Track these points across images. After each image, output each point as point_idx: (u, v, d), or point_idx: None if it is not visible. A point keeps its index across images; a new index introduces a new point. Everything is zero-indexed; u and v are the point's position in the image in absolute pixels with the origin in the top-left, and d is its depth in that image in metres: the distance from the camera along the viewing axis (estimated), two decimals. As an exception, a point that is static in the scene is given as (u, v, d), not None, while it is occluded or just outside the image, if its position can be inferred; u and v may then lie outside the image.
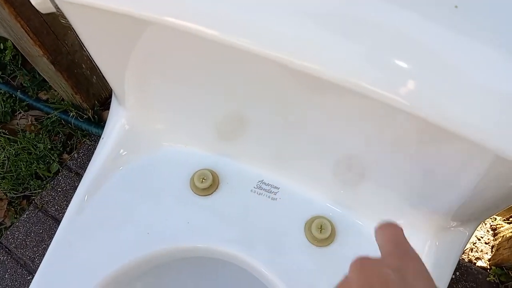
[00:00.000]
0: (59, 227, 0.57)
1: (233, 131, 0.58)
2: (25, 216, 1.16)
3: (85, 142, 1.26)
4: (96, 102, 1.26)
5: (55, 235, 0.57)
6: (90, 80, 1.19)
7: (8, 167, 1.23)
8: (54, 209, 1.17)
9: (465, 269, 1.02)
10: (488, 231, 1.07)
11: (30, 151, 1.25)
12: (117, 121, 0.61)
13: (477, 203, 0.45)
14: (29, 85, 1.35)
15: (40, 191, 1.20)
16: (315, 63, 0.32)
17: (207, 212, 0.59)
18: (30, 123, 1.32)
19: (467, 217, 0.49)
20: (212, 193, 0.61)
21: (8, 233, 1.15)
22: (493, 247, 1.05)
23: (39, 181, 1.22)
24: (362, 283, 0.27)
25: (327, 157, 0.52)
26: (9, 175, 1.22)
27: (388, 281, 0.26)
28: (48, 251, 0.56)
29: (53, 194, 1.19)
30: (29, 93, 1.35)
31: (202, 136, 0.61)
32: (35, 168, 1.22)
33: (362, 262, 0.28)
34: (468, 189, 0.42)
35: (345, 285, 0.28)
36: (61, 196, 1.18)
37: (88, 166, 0.61)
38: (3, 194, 1.22)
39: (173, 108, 0.58)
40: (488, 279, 1.00)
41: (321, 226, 0.57)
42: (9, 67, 1.40)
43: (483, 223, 1.08)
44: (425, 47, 0.32)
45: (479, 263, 1.03)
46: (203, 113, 0.55)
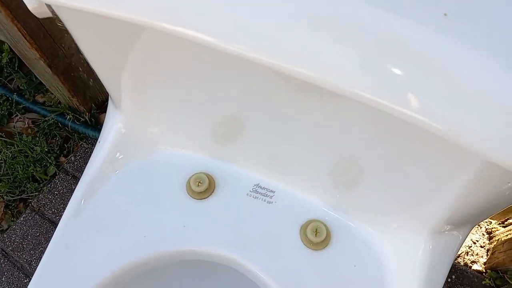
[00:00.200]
0: (56, 230, 0.58)
1: (229, 135, 0.58)
2: (22, 219, 1.16)
3: (82, 145, 1.26)
4: (93, 105, 1.26)
5: (52, 238, 0.57)
6: (87, 83, 1.19)
7: (5, 170, 1.23)
8: (51, 212, 1.17)
9: (460, 272, 1.02)
10: (483, 234, 1.08)
11: (27, 154, 1.25)
12: (114, 125, 0.62)
13: (470, 207, 0.46)
14: (25, 88, 1.36)
15: (37, 194, 1.20)
16: (309, 69, 0.33)
17: (203, 215, 0.60)
18: (27, 126, 1.32)
19: (460, 220, 0.49)
20: (208, 197, 0.61)
21: (4, 236, 1.14)
22: (488, 250, 1.05)
23: (36, 184, 1.22)
24: None
25: (322, 161, 0.53)
26: (6, 178, 1.22)
27: None
28: (45, 254, 0.56)
29: (50, 197, 1.19)
30: (26, 96, 1.35)
31: (198, 139, 0.62)
32: (32, 171, 1.22)
33: None
34: (460, 194, 0.43)
35: None
36: (58, 199, 1.18)
37: (85, 169, 0.62)
38: (0, 197, 1.22)
39: (169, 111, 0.58)
40: (483, 282, 1.00)
41: (316, 229, 0.57)
42: (5, 70, 1.40)
43: (479, 227, 1.09)
44: (419, 53, 0.33)
45: (475, 267, 1.04)
46: (199, 117, 0.56)
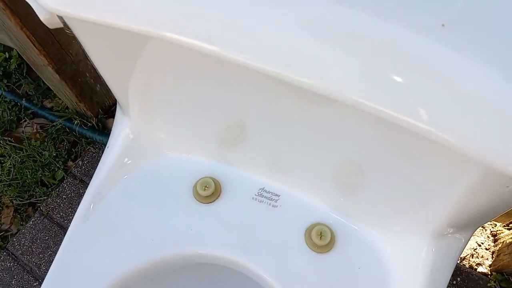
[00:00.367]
0: (66, 234, 0.59)
1: (235, 140, 0.59)
2: (31, 223, 1.18)
3: (89, 149, 1.27)
4: (100, 110, 1.27)
5: (62, 242, 0.58)
6: (94, 88, 1.20)
7: (14, 174, 1.25)
8: (59, 216, 1.18)
9: (466, 275, 1.02)
10: (488, 237, 1.08)
11: (35, 159, 1.26)
12: (122, 131, 0.63)
13: (472, 210, 0.46)
14: (34, 93, 1.37)
15: (45, 198, 1.21)
16: (311, 78, 0.34)
17: (209, 219, 0.60)
18: (35, 131, 1.34)
19: (463, 223, 0.50)
20: (214, 201, 0.62)
21: (14, 239, 1.16)
22: (493, 253, 1.05)
23: (45, 188, 1.23)
24: None
25: (326, 165, 0.53)
26: (15, 183, 1.24)
27: None
28: (55, 258, 0.57)
29: (58, 201, 1.20)
30: (34, 101, 1.36)
31: (204, 144, 0.63)
32: (41, 175, 1.23)
33: None
34: (462, 197, 0.43)
35: None
36: (66, 203, 1.20)
37: (93, 174, 0.63)
38: (9, 201, 1.23)
39: (175, 118, 0.59)
40: (489, 284, 1.01)
41: (321, 232, 0.58)
42: (14, 76, 1.42)
43: (484, 229, 1.09)
44: (420, 63, 0.34)
45: (480, 269, 1.04)
46: (205, 123, 0.56)
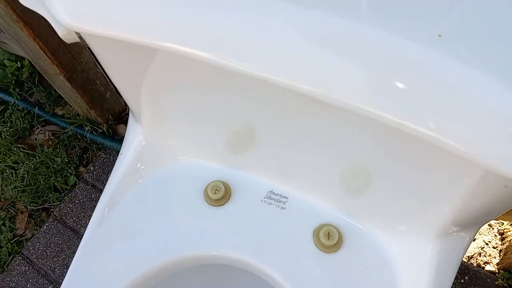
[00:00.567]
0: (82, 239, 0.60)
1: (243, 145, 0.60)
2: (45, 227, 1.20)
3: (100, 155, 1.30)
4: (110, 116, 1.29)
5: (78, 247, 0.60)
6: (104, 95, 1.22)
7: (27, 180, 1.28)
8: (72, 220, 1.21)
9: (473, 273, 1.03)
10: (495, 235, 1.09)
11: (48, 165, 1.29)
12: (135, 137, 0.64)
13: (475, 209, 0.47)
14: (45, 101, 1.40)
15: (58, 203, 1.24)
16: (316, 87, 0.36)
17: (220, 221, 0.62)
18: (47, 138, 1.37)
19: (466, 222, 0.51)
20: (224, 204, 0.63)
21: (29, 244, 1.18)
22: (501, 251, 1.06)
23: (57, 193, 1.26)
24: None
25: (333, 168, 0.55)
26: (29, 189, 1.26)
27: None
28: (72, 262, 0.59)
29: (71, 206, 1.23)
30: (46, 109, 1.39)
31: (214, 149, 0.64)
32: (53, 181, 1.26)
33: None
34: (464, 197, 0.45)
35: None
36: (79, 207, 1.22)
37: (108, 180, 0.64)
38: (24, 207, 1.26)
39: (186, 124, 0.61)
40: (496, 283, 1.01)
41: (329, 233, 0.59)
42: (26, 84, 1.44)
43: (491, 228, 1.10)
44: (421, 71, 0.35)
45: (488, 267, 1.04)
46: (215, 128, 0.58)
